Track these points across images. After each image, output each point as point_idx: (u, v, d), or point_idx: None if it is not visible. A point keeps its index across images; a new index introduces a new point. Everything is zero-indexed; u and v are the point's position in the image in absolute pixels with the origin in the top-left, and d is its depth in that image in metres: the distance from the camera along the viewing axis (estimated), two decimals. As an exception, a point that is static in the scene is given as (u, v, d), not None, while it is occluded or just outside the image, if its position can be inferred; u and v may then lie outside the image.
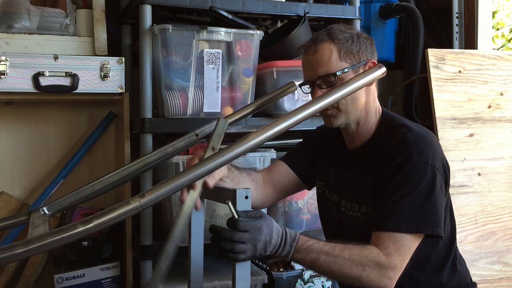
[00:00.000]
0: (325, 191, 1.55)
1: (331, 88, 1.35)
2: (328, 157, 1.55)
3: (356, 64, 1.37)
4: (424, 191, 1.28)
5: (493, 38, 3.51)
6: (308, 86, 1.42)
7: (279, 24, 2.19)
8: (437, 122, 2.09)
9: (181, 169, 1.80)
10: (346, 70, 1.35)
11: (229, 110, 1.90)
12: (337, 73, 1.35)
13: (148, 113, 1.86)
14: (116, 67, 1.90)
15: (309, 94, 1.45)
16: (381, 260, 1.23)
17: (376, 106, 1.46)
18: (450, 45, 2.64)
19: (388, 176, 1.31)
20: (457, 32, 2.64)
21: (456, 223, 1.51)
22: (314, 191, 1.65)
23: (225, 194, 1.26)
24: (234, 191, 1.20)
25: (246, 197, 1.20)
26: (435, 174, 1.30)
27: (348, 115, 1.40)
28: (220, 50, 1.88)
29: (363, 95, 1.40)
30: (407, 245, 1.26)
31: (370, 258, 1.22)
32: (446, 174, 1.36)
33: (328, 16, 2.12)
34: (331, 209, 1.52)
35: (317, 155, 1.60)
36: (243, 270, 1.21)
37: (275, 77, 1.94)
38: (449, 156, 2.09)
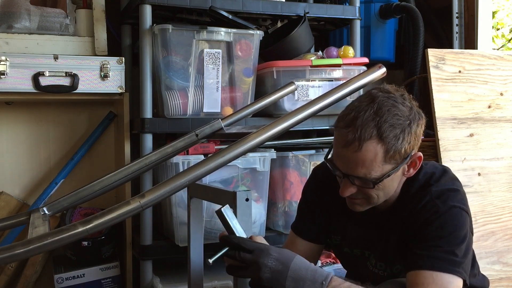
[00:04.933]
0: (343, 244, 1.44)
1: (364, 188, 1.22)
2: (345, 213, 1.37)
3: (400, 164, 1.20)
4: (456, 237, 1.22)
5: (493, 38, 3.51)
6: (337, 171, 1.24)
7: (279, 24, 2.19)
8: (437, 122, 2.09)
9: (181, 169, 1.80)
10: (387, 176, 1.20)
11: (229, 110, 1.90)
12: (376, 182, 1.20)
13: (148, 113, 1.86)
14: (116, 67, 1.90)
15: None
16: None
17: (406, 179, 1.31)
18: (450, 45, 2.64)
19: (417, 232, 1.24)
20: (457, 32, 2.64)
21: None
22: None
23: (224, 196, 1.25)
24: (234, 193, 1.19)
25: (247, 200, 1.19)
26: (464, 216, 1.25)
27: (377, 203, 1.29)
28: (220, 50, 1.88)
29: (395, 184, 1.26)
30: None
31: None
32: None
33: (328, 16, 2.13)
34: (356, 264, 1.43)
35: (329, 211, 1.43)
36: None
37: (275, 77, 1.94)
38: (449, 156, 2.09)
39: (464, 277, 1.21)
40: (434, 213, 1.23)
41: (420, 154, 1.24)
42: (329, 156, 1.28)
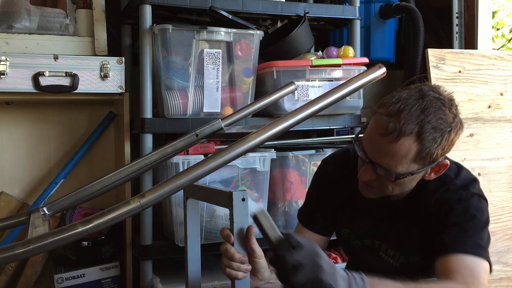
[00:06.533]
0: (352, 237, 1.44)
1: (384, 178, 1.23)
2: (355, 204, 1.40)
3: (426, 166, 1.21)
4: (480, 221, 1.24)
5: (493, 38, 3.51)
6: (363, 154, 1.23)
7: (279, 24, 2.19)
8: (437, 122, 2.09)
9: (181, 169, 1.80)
10: (410, 174, 1.21)
11: (229, 110, 1.90)
12: (399, 177, 1.20)
13: (148, 113, 1.86)
14: (116, 67, 1.90)
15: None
16: None
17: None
18: (450, 45, 2.64)
19: (441, 219, 1.25)
20: (457, 32, 2.63)
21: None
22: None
23: (220, 196, 1.24)
24: (230, 193, 1.18)
25: (243, 200, 1.18)
26: (484, 204, 1.28)
27: (390, 195, 1.30)
28: (220, 50, 1.88)
29: (413, 184, 1.28)
30: (481, 272, 1.18)
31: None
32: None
33: (328, 16, 2.13)
34: (365, 254, 1.42)
35: (338, 202, 1.44)
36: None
37: (275, 77, 1.94)
38: (449, 156, 2.09)
39: (490, 261, 1.22)
40: (457, 200, 1.25)
41: (447, 162, 1.25)
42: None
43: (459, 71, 2.18)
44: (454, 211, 1.25)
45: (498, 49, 3.66)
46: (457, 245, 1.21)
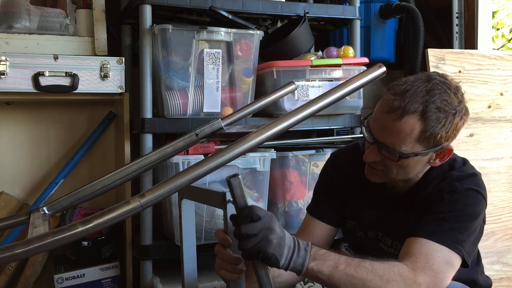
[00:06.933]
0: (357, 230, 1.45)
1: (388, 159, 1.24)
2: (362, 197, 1.43)
3: (430, 149, 1.23)
4: (467, 214, 1.24)
5: (493, 38, 3.51)
6: (369, 134, 1.27)
7: (279, 24, 2.19)
8: (437, 122, 2.09)
9: (181, 169, 1.80)
10: (414, 155, 1.22)
11: (229, 110, 1.90)
12: (403, 156, 1.22)
13: (148, 113, 1.86)
14: (116, 67, 1.90)
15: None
16: (406, 275, 1.12)
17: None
18: (450, 45, 2.64)
19: (430, 206, 1.26)
20: (457, 32, 2.64)
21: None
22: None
23: (214, 196, 1.23)
24: (224, 193, 1.17)
25: None
26: (480, 199, 1.27)
27: (394, 180, 1.32)
28: (220, 50, 1.88)
29: (418, 168, 1.29)
30: (441, 263, 1.17)
31: (394, 271, 1.12)
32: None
33: (328, 16, 2.13)
34: (368, 246, 1.43)
35: (346, 195, 1.46)
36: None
37: (275, 77, 1.94)
38: (449, 156, 2.09)
39: (463, 255, 1.20)
40: (450, 191, 1.26)
41: (452, 147, 1.26)
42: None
43: (459, 71, 2.18)
44: (443, 201, 1.25)
45: (498, 49, 3.66)
46: (428, 231, 1.21)
